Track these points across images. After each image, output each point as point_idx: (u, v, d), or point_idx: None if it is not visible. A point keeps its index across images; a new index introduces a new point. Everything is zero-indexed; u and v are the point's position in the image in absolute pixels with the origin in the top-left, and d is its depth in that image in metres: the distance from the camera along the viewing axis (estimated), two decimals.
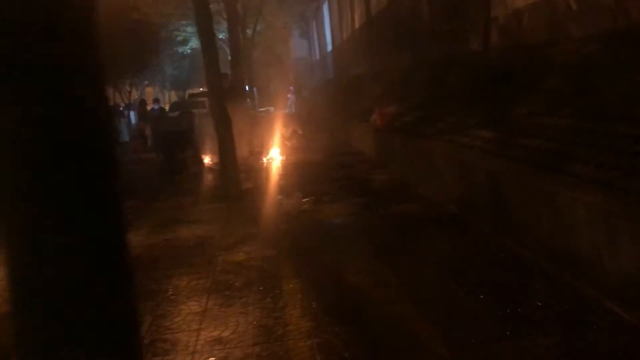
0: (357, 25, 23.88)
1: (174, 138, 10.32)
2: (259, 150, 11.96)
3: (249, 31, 27.52)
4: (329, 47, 32.19)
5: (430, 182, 6.66)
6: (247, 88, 24.16)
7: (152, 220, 6.68)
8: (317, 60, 36.85)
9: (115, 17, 20.05)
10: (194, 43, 32.77)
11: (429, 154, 6.86)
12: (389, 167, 8.53)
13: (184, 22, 28.05)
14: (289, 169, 9.56)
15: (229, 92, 10.99)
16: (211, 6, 25.77)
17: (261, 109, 31.60)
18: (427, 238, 4.91)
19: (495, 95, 6.92)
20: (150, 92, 40.39)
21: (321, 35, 34.76)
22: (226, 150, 7.64)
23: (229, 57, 20.76)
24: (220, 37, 28.41)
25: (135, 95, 32.38)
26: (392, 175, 7.97)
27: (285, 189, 7.58)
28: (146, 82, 33.66)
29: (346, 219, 5.81)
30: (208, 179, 9.37)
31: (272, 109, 33.39)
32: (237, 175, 7.83)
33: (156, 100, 15.09)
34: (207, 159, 10.73)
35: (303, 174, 8.81)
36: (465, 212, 5.47)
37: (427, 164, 6.88)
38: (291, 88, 33.33)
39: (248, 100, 24.51)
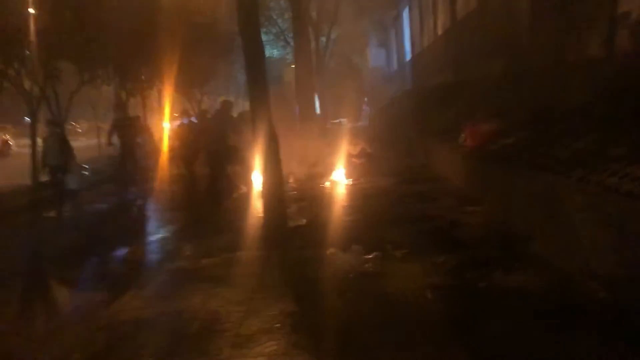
0: (439, 32, 21.77)
1: (216, 155, 8.73)
2: (321, 171, 10.24)
3: (323, 39, 26.11)
4: (408, 56, 30.14)
5: (554, 237, 4.58)
6: (317, 98, 22.65)
7: (165, 273, 5.05)
8: (395, 70, 34.84)
9: (184, 24, 19.19)
10: (267, 52, 31.71)
11: (550, 196, 4.78)
12: (484, 203, 6.48)
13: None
14: (353, 199, 7.72)
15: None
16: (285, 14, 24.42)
17: (333, 121, 30.06)
18: (566, 348, 2.90)
19: None
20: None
21: (400, 44, 32.78)
22: (270, 179, 5.94)
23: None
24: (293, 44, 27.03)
25: (207, 104, 31.84)
26: (491, 216, 5.92)
27: (345, 231, 5.75)
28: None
29: (428, 295, 3.87)
30: (255, 208, 7.69)
31: (344, 120, 31.73)
32: (283, 210, 6.10)
33: (184, 113, 11.45)
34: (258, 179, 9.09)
35: (370, 208, 6.95)
36: (627, 300, 3.39)
37: (547, 210, 4.81)
38: (366, 99, 31.55)
39: (318, 111, 22.99)
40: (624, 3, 7.42)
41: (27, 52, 12.11)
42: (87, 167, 12.14)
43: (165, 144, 11.31)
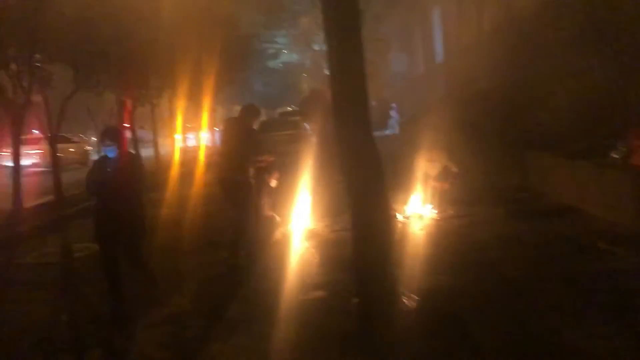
0: (486, 28, 19.22)
1: (234, 189, 5.86)
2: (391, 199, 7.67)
3: None
4: (439, 58, 27.51)
5: None
6: None
7: None
8: (420, 75, 32.16)
9: (196, 24, 16.80)
10: (286, 57, 29.27)
11: None
12: None
13: (275, 32, 24.70)
14: (465, 248, 5.14)
15: None
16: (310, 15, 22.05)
17: None
18: None
19: None
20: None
21: (427, 46, 30.16)
22: (371, 219, 3.40)
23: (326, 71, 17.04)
24: (315, 48, 24.82)
25: (221, 113, 29.45)
26: None
27: (517, 329, 3.20)
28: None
29: None
30: (307, 267, 5.09)
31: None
32: (392, 278, 3.53)
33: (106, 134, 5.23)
34: (293, 219, 6.48)
35: (510, 268, 4.38)
36: None
37: None
38: (393, 105, 28.96)
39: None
40: None
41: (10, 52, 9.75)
42: None
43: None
